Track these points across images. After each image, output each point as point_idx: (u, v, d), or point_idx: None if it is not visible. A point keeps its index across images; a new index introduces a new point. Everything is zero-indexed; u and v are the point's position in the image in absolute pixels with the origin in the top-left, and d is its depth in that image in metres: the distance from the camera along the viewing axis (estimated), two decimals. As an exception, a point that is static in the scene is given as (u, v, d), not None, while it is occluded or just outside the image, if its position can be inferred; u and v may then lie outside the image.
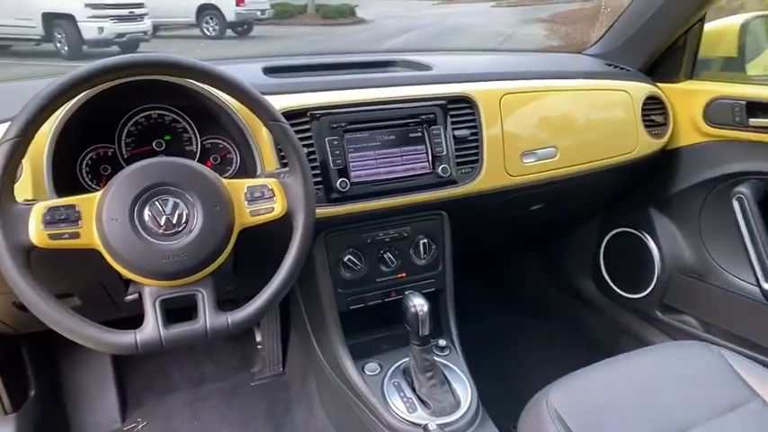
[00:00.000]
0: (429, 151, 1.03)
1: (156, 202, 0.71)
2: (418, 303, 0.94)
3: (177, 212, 0.72)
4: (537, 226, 1.56)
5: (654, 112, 1.31)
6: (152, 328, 0.70)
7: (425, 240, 1.10)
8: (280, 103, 0.91)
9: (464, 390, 1.02)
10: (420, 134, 1.03)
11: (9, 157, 0.66)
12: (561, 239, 1.76)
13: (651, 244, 1.43)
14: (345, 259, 1.05)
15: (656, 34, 1.32)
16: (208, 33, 9.06)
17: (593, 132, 1.24)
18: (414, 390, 1.01)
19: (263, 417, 1.47)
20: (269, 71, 1.08)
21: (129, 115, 0.90)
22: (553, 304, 1.84)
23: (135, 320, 0.72)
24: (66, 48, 7.08)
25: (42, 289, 0.66)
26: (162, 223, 0.71)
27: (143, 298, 0.72)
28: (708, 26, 1.31)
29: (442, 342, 1.13)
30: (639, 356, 1.04)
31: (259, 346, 1.58)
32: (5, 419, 1.18)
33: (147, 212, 0.71)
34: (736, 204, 1.21)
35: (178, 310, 0.74)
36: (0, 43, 7.22)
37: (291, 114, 0.92)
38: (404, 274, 1.10)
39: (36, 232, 0.66)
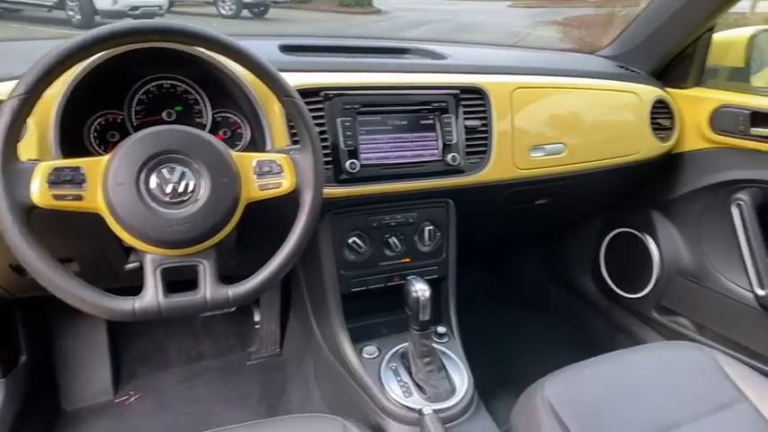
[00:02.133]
0: (440, 139, 1.04)
1: (164, 170, 0.71)
2: (420, 289, 0.94)
3: (184, 181, 0.71)
4: (541, 221, 1.57)
5: (661, 116, 1.32)
6: (151, 295, 0.70)
7: (431, 227, 1.11)
8: (294, 80, 0.91)
9: (460, 377, 1.02)
10: (432, 121, 1.04)
11: (14, 114, 0.65)
12: (564, 237, 1.78)
13: (651, 245, 1.45)
14: (350, 241, 1.06)
15: (667, 40, 1.33)
16: (223, 12, 8.95)
17: (602, 132, 1.25)
18: (410, 374, 1.01)
19: (258, 396, 1.48)
20: (285, 49, 1.08)
21: (140, 83, 0.90)
22: (553, 300, 1.86)
23: (133, 291, 0.72)
24: (77, 16, 6.98)
25: (40, 249, 0.65)
26: (168, 191, 0.70)
27: (144, 265, 0.72)
28: (717, 36, 1.32)
29: (441, 329, 1.14)
30: (633, 354, 1.06)
31: (257, 326, 1.59)
32: None
33: (153, 179, 0.70)
34: (734, 211, 1.23)
35: (180, 283, 0.74)
36: (12, 6, 7.12)
37: (305, 92, 0.92)
38: (407, 260, 1.11)
39: (39, 192, 0.65)
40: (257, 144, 0.95)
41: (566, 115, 1.20)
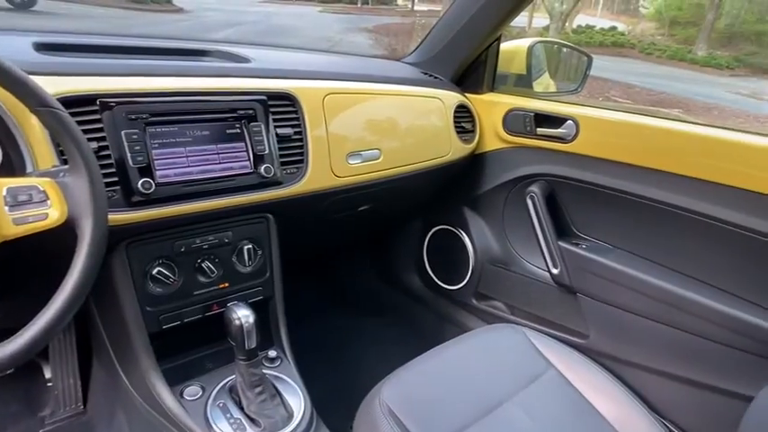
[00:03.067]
0: (250, 149, 0.96)
1: None
2: (243, 315, 0.87)
3: None
4: (366, 226, 1.59)
5: (464, 120, 1.43)
6: None
7: (250, 246, 1.02)
8: (58, 86, 0.75)
9: (297, 400, 0.97)
10: (239, 131, 0.95)
11: None
12: (389, 238, 1.83)
13: (465, 239, 1.57)
14: (154, 272, 0.92)
15: (461, 49, 1.43)
16: (-30, 0, 7.28)
17: (414, 136, 1.30)
18: (242, 409, 0.93)
19: None
20: (43, 47, 0.89)
21: None
22: (385, 302, 1.90)
23: None
24: None
25: None
26: None
27: None
28: (504, 46, 1.48)
29: (272, 353, 1.06)
30: (457, 344, 1.12)
31: (49, 384, 1.31)
32: None
33: None
34: (528, 201, 1.38)
35: None
36: None
37: (75, 101, 0.77)
38: (226, 285, 1.01)
39: None
40: (15, 167, 0.76)
41: (379, 121, 1.22)
